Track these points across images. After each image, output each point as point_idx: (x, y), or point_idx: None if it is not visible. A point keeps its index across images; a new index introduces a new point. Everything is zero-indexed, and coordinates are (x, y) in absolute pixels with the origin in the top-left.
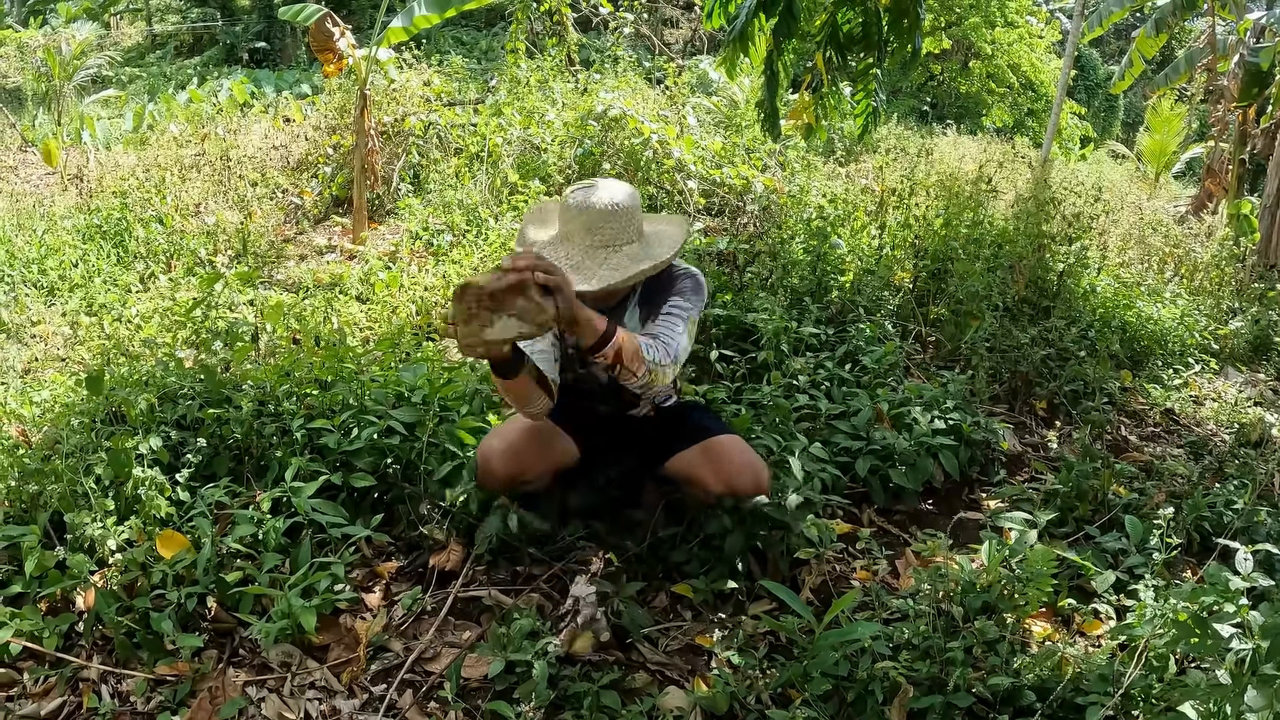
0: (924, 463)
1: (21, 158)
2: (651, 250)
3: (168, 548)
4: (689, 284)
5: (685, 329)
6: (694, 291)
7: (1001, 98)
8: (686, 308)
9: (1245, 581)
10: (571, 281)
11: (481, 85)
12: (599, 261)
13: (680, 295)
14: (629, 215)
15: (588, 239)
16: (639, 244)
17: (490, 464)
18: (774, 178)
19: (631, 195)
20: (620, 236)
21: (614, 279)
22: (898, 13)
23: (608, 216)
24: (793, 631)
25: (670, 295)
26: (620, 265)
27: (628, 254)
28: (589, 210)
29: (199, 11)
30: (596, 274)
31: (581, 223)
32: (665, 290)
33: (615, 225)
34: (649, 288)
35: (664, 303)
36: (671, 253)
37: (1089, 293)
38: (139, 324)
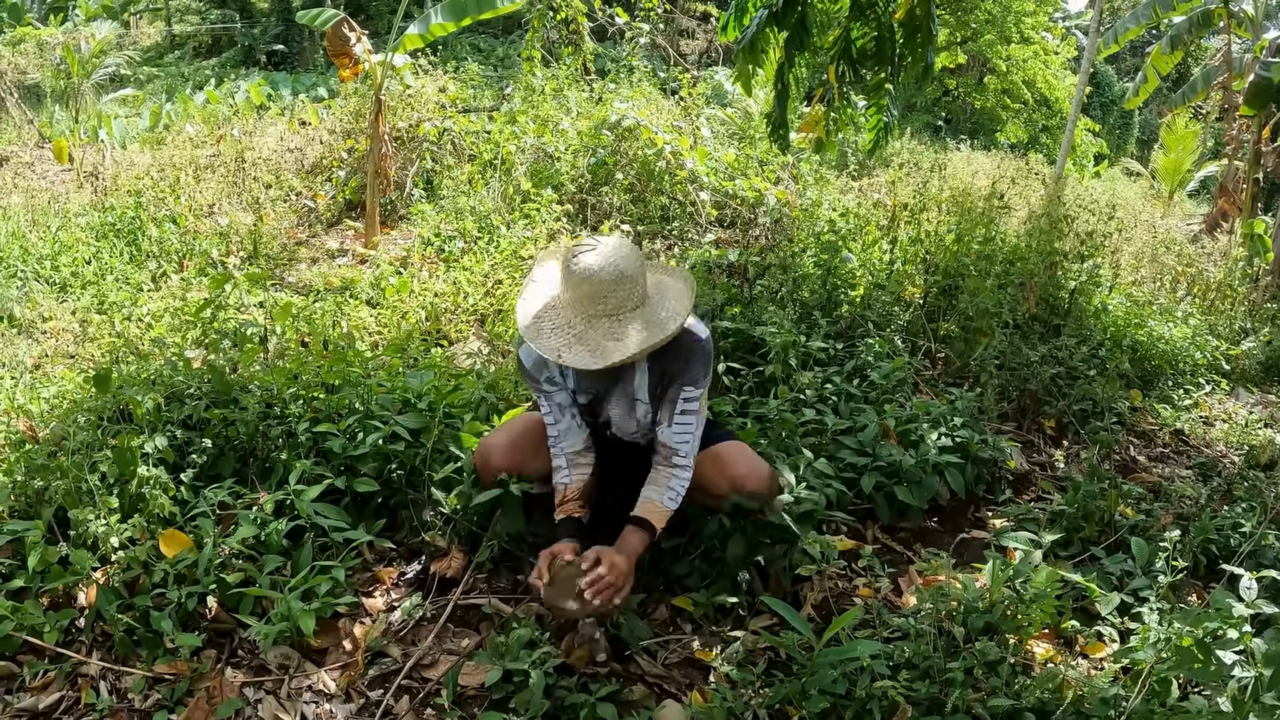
0: (930, 480)
1: (39, 154)
2: (658, 314)
3: (170, 547)
4: (700, 360)
5: (700, 420)
6: (704, 369)
7: (1016, 114)
8: (699, 395)
9: (1249, 608)
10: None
11: (496, 92)
12: (603, 332)
13: (694, 382)
14: (631, 282)
15: (591, 308)
16: (643, 309)
17: (490, 457)
18: (786, 190)
19: (634, 259)
20: (625, 304)
21: (619, 357)
22: (911, 28)
23: (612, 286)
24: (792, 648)
25: (684, 378)
26: (623, 337)
27: (632, 324)
28: (593, 280)
29: (218, 13)
30: (602, 347)
31: (585, 291)
32: (676, 357)
33: (620, 294)
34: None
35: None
36: (678, 323)
37: (1100, 311)
38: (149, 323)
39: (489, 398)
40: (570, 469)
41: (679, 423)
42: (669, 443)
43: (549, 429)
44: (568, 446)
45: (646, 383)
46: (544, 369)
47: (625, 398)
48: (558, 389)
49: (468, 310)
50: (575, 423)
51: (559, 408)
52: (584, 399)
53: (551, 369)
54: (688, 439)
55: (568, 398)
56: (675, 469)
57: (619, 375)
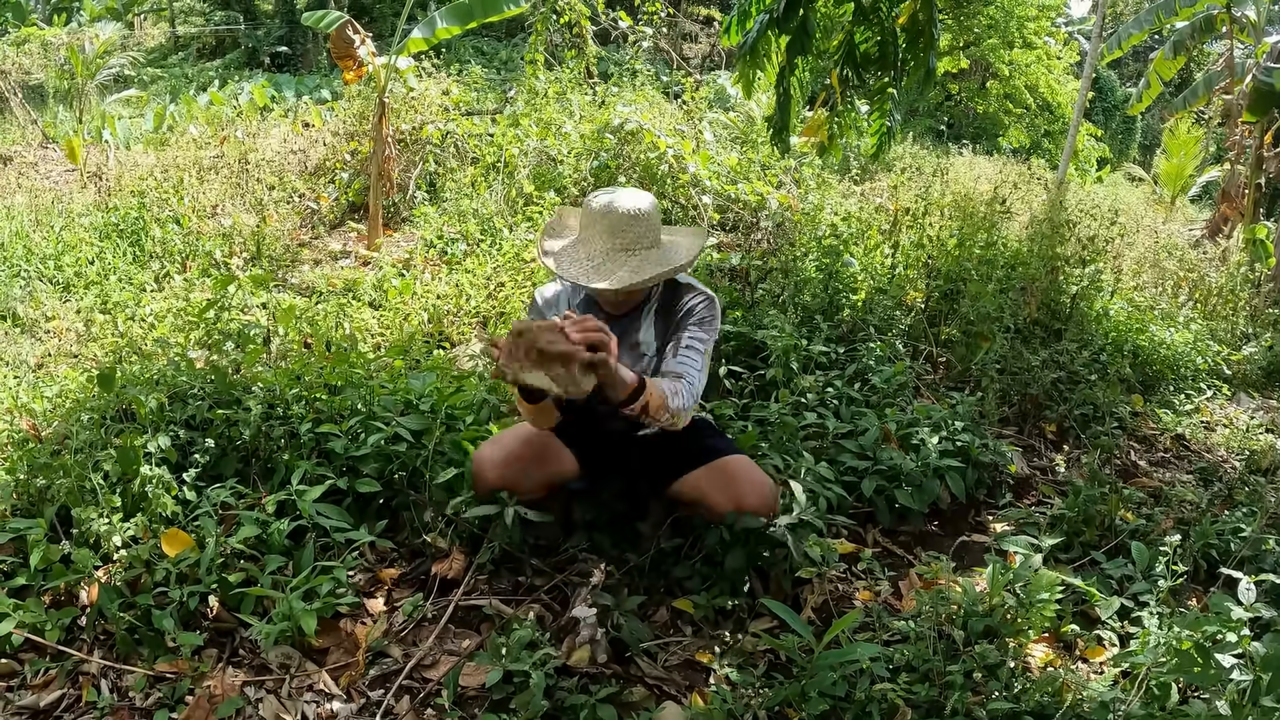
0: (930, 484)
1: (42, 154)
2: (670, 255)
3: (172, 546)
4: (706, 309)
5: (704, 363)
6: (710, 319)
7: (1018, 118)
8: (704, 339)
9: (1248, 612)
10: (592, 280)
11: (500, 96)
12: (619, 264)
13: (699, 324)
14: (649, 221)
15: (609, 241)
16: (658, 249)
17: (484, 472)
18: (789, 194)
19: (652, 203)
20: (641, 241)
21: (633, 280)
22: (913, 33)
23: (630, 221)
24: (792, 650)
25: (688, 321)
26: (639, 268)
27: (647, 257)
28: (612, 214)
29: (222, 14)
30: (616, 274)
31: (604, 225)
32: (682, 307)
33: (637, 229)
34: (665, 299)
35: (681, 322)
36: (690, 258)
37: (1101, 316)
38: (152, 323)
39: (491, 400)
40: None
41: (683, 354)
42: (673, 369)
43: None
44: None
45: (653, 328)
46: (552, 308)
47: (631, 350)
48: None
49: (470, 312)
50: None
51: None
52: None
53: (559, 309)
54: (693, 371)
55: None
56: (682, 385)
57: (627, 321)
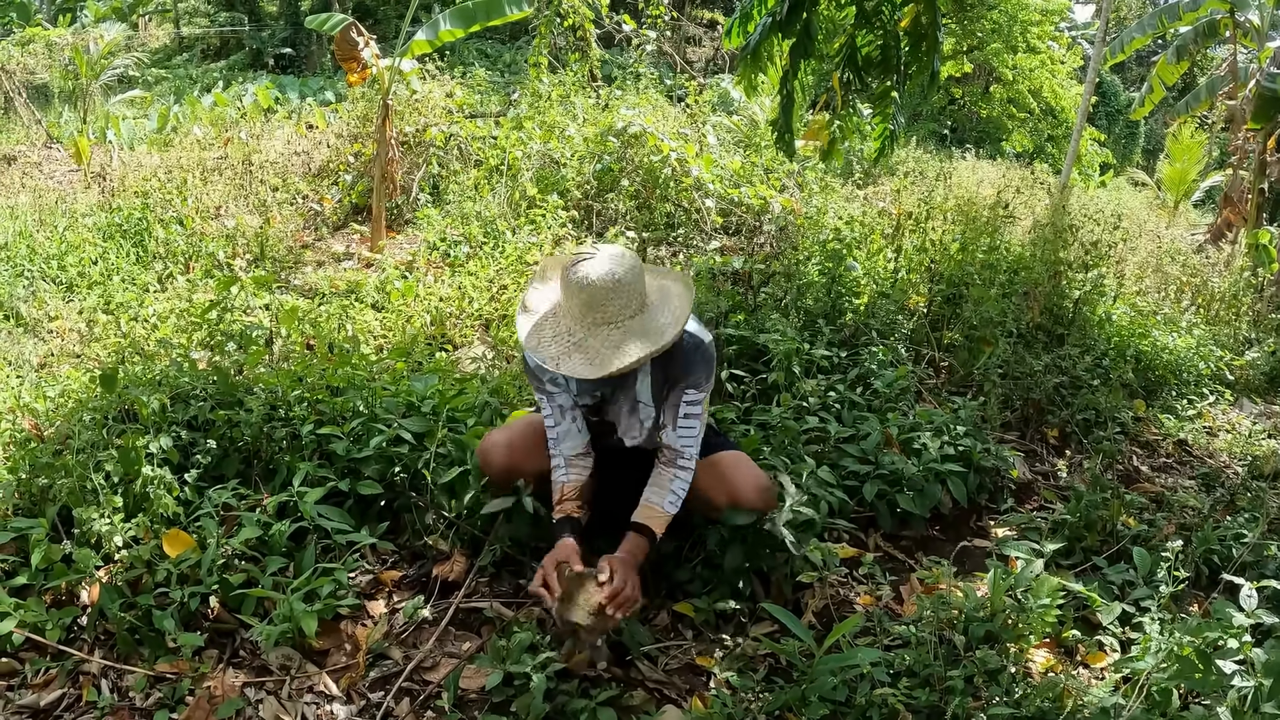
0: (932, 489)
1: (46, 154)
2: (656, 321)
3: (173, 546)
4: (702, 362)
5: (702, 423)
6: (706, 372)
7: (1022, 123)
8: (702, 397)
9: (1249, 618)
10: (574, 364)
11: (503, 98)
12: (601, 340)
13: (696, 385)
14: (630, 289)
15: (589, 316)
16: (642, 315)
17: (489, 455)
18: (792, 198)
19: (631, 267)
20: (623, 312)
21: (617, 365)
22: (916, 36)
23: (609, 294)
24: (793, 655)
25: (686, 380)
26: (622, 344)
27: (630, 330)
28: (590, 288)
29: (227, 15)
30: (599, 355)
31: (582, 300)
32: (678, 361)
33: (617, 302)
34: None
35: (678, 380)
36: (678, 328)
37: (1104, 321)
38: (155, 323)
39: (493, 402)
40: (568, 469)
41: (682, 426)
42: (672, 445)
43: (549, 430)
44: (567, 449)
45: (649, 386)
46: (546, 370)
47: (628, 401)
48: (560, 390)
49: (472, 315)
50: (575, 426)
51: (560, 409)
52: (587, 401)
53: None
54: (691, 441)
55: (570, 400)
56: (678, 470)
57: (622, 379)
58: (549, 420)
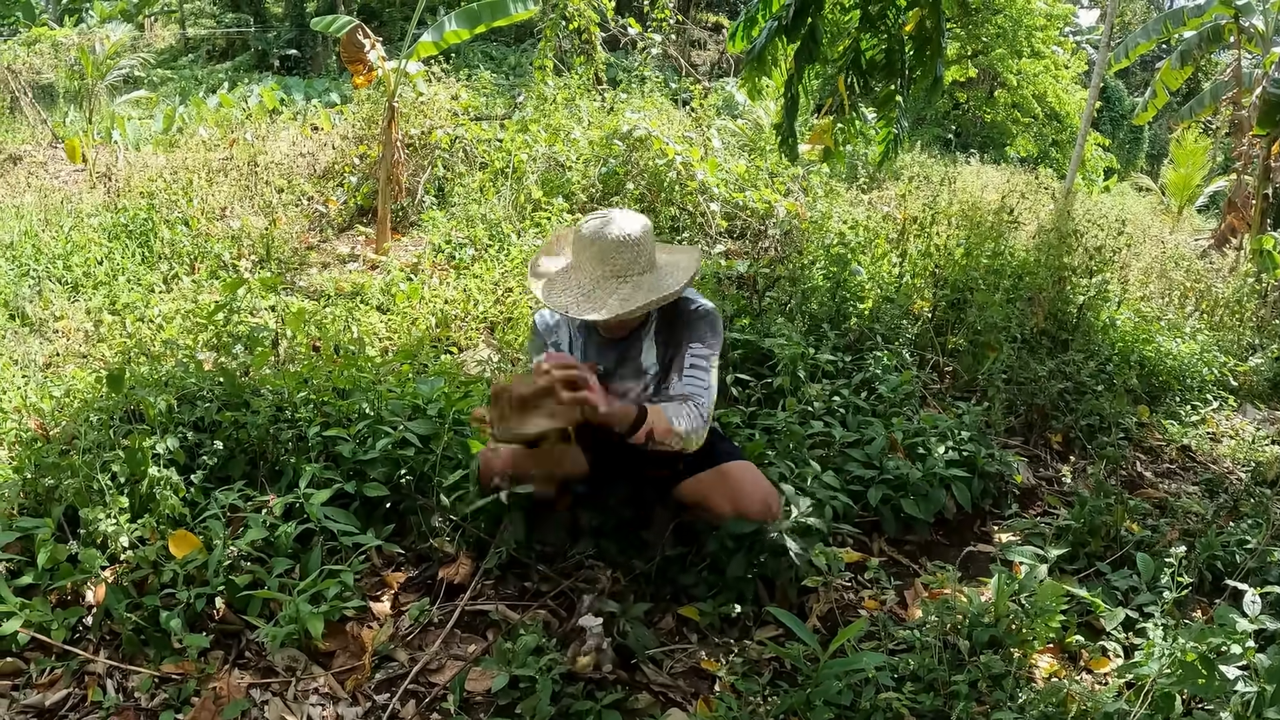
0: (936, 493)
1: (52, 153)
2: (663, 280)
3: (179, 547)
4: (707, 325)
5: (712, 379)
6: (713, 334)
7: (1026, 128)
8: (709, 354)
9: (1253, 624)
10: (581, 309)
11: (508, 101)
12: (609, 291)
13: (701, 340)
14: (641, 246)
15: (599, 269)
16: (651, 274)
17: (492, 464)
18: (796, 202)
19: (644, 227)
20: (632, 267)
21: (623, 309)
22: (921, 40)
23: (620, 247)
24: (798, 659)
25: (690, 340)
26: (630, 295)
27: (638, 284)
28: (601, 240)
29: (232, 17)
30: (607, 303)
31: (593, 253)
32: (683, 326)
33: (627, 256)
34: (665, 320)
35: (683, 342)
36: (682, 284)
37: (1108, 326)
38: (161, 324)
39: None
40: None
41: (689, 375)
42: (679, 392)
43: None
44: None
45: (654, 353)
46: (553, 333)
47: (634, 370)
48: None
49: (478, 317)
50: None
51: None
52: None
53: (559, 334)
54: (701, 390)
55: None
56: (690, 407)
57: (627, 345)
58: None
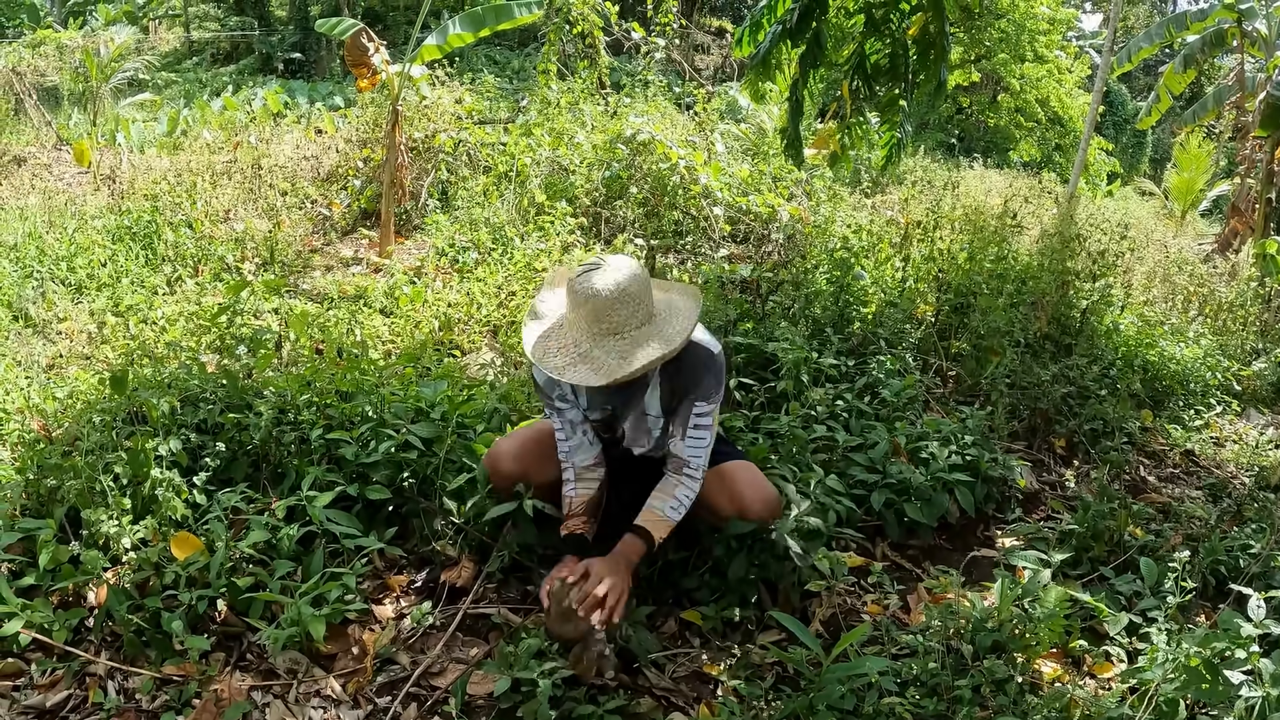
0: (939, 498)
1: (56, 155)
2: (663, 331)
3: (182, 549)
4: (711, 374)
5: (711, 434)
6: (716, 383)
7: (1029, 132)
8: (712, 409)
9: (1257, 628)
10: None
11: (512, 105)
12: (607, 350)
13: (705, 398)
14: (636, 300)
15: (595, 327)
16: (649, 326)
17: (499, 463)
18: (800, 207)
19: (637, 278)
20: (629, 323)
21: (621, 373)
22: (924, 45)
23: (614, 304)
24: (800, 663)
25: (694, 393)
26: (627, 353)
27: (636, 340)
28: (595, 299)
29: (237, 20)
30: (605, 365)
31: (588, 311)
32: (687, 372)
33: (623, 312)
34: (668, 365)
35: (686, 391)
36: (684, 337)
37: (1112, 331)
38: (164, 326)
39: (501, 408)
40: (577, 483)
41: (691, 436)
42: (681, 455)
43: (560, 444)
44: (578, 461)
45: (658, 398)
46: (556, 386)
47: (638, 414)
48: (570, 405)
49: (481, 321)
50: (586, 439)
51: (570, 424)
52: (597, 415)
53: (564, 386)
54: (700, 452)
55: (579, 414)
56: (685, 479)
57: (631, 392)
58: (560, 434)
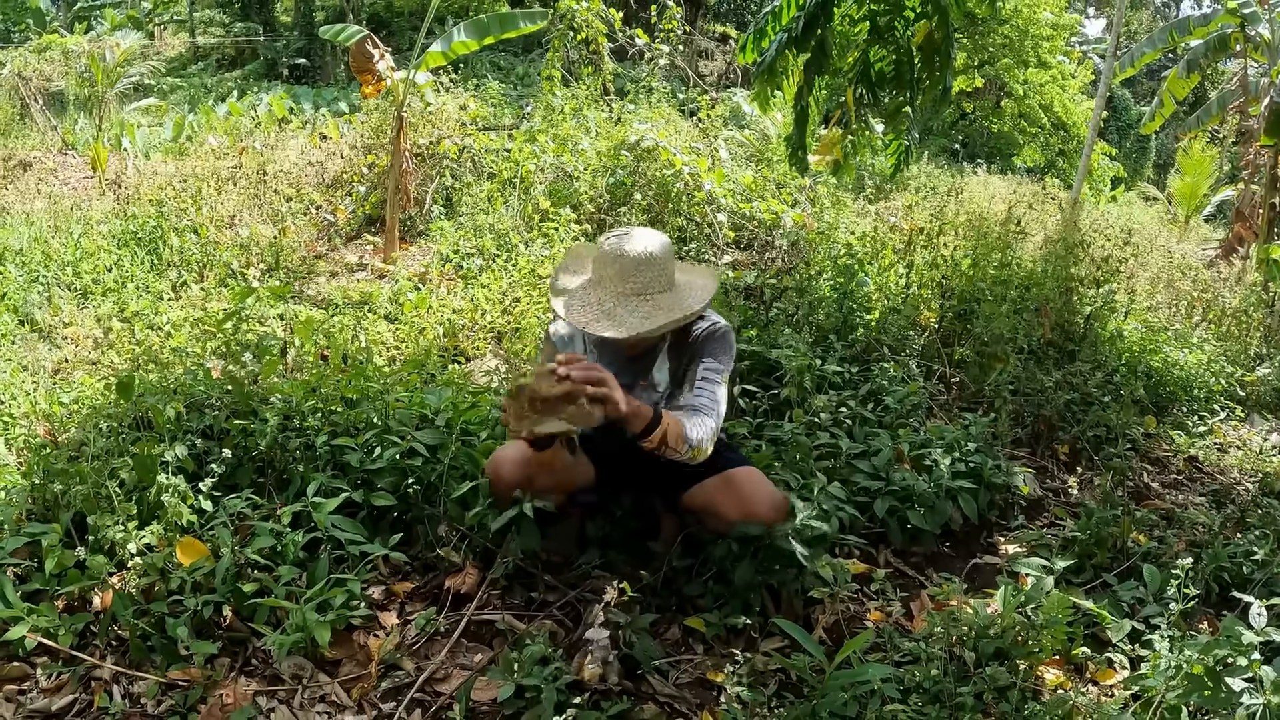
0: (943, 505)
1: (61, 160)
2: (683, 300)
3: (187, 555)
4: (720, 342)
5: (723, 393)
6: (725, 350)
7: (1033, 138)
8: (720, 369)
9: (1259, 636)
10: (603, 326)
11: (516, 111)
12: (630, 309)
13: (712, 356)
14: (662, 265)
15: (620, 286)
16: (670, 293)
17: (500, 471)
18: (804, 213)
19: (665, 245)
20: (652, 285)
21: (644, 328)
22: (930, 52)
23: (641, 265)
24: (803, 670)
25: (702, 355)
26: (650, 314)
27: (658, 303)
28: (623, 258)
29: (242, 25)
30: (627, 321)
31: (615, 270)
32: (697, 344)
33: (648, 274)
34: (679, 338)
35: (695, 359)
36: (702, 304)
37: (1115, 337)
38: (169, 332)
39: None
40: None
41: (699, 387)
42: (689, 403)
43: None
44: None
45: (667, 370)
46: (568, 346)
47: (647, 388)
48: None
49: (485, 328)
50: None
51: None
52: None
53: (574, 347)
54: (709, 402)
55: None
56: (701, 417)
57: (641, 363)
58: None
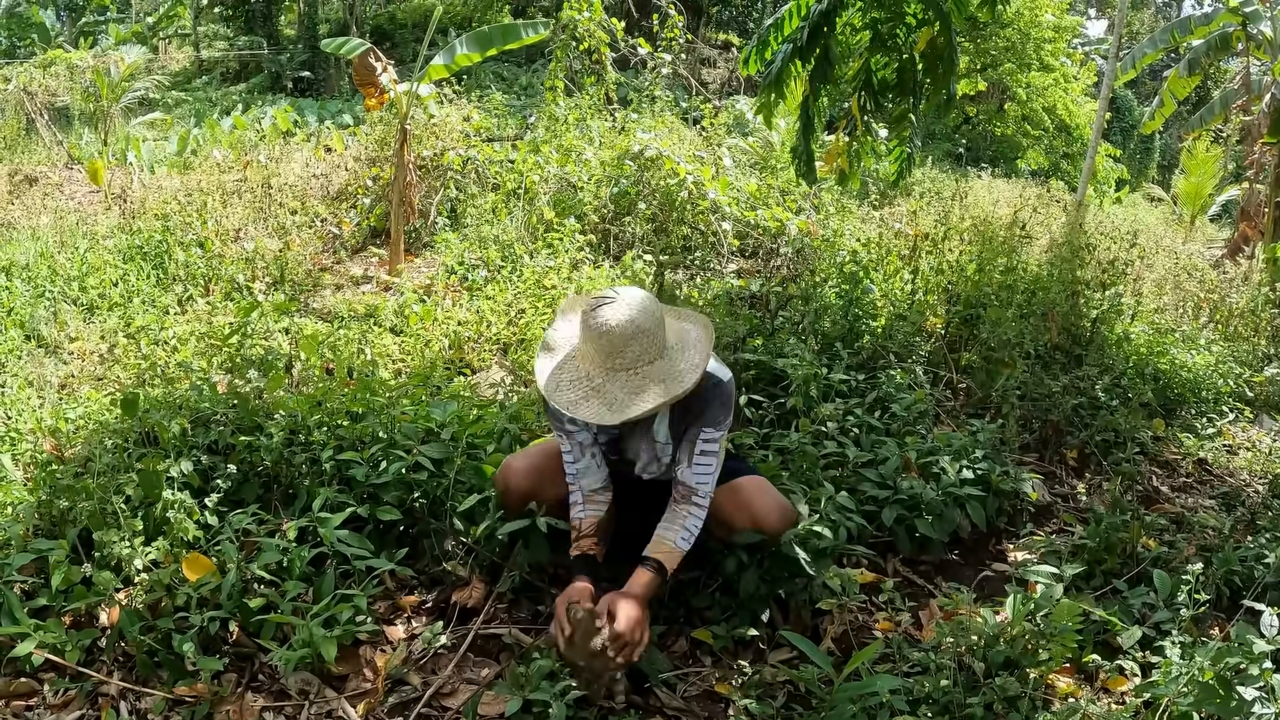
0: (951, 513)
1: (67, 175)
2: (675, 368)
3: (193, 570)
4: (720, 402)
5: (718, 461)
6: (725, 411)
7: (1037, 140)
8: (718, 436)
9: (1270, 644)
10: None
11: (520, 122)
12: (620, 386)
13: (713, 424)
14: (649, 336)
15: (608, 362)
16: (662, 361)
17: (509, 480)
18: (808, 220)
19: (651, 313)
20: (641, 358)
21: (635, 412)
22: (933, 58)
23: (628, 340)
24: (812, 682)
25: (703, 420)
26: (642, 388)
27: (650, 374)
28: (609, 334)
29: (246, 39)
30: (617, 400)
31: (601, 346)
32: (696, 400)
33: (636, 348)
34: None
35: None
36: (697, 372)
37: (1122, 340)
38: (175, 346)
39: (512, 428)
40: (585, 504)
41: (698, 463)
42: (687, 482)
43: (567, 466)
44: (586, 484)
45: (667, 424)
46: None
47: (647, 439)
48: (579, 429)
49: (491, 339)
50: (595, 462)
51: (580, 446)
52: (605, 438)
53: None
54: (706, 479)
55: (589, 438)
56: (692, 507)
57: (645, 423)
58: (568, 457)
